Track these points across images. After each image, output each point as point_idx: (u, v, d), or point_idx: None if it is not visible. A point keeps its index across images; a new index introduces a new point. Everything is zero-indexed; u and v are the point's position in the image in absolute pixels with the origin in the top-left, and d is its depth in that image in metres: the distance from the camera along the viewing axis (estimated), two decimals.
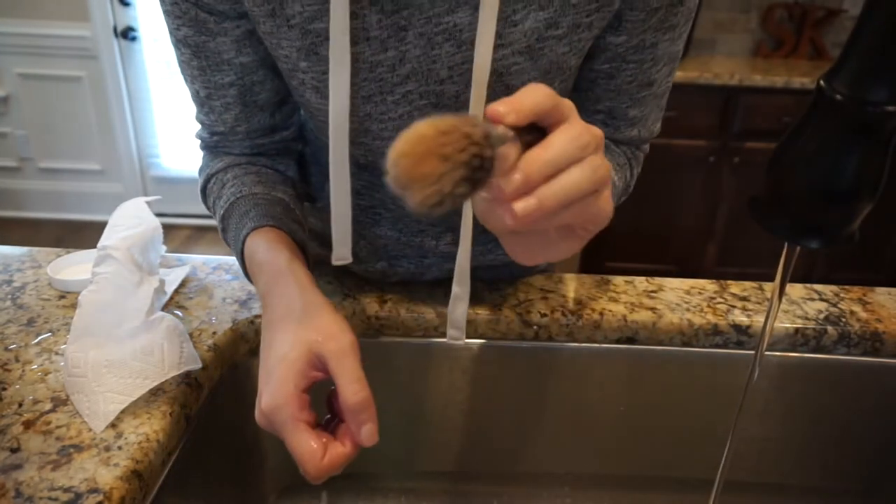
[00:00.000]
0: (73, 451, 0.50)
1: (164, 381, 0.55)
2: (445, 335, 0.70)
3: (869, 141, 0.33)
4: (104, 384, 0.53)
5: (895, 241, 2.53)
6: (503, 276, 0.77)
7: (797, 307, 0.73)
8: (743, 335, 0.70)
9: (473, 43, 0.53)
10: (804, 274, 2.57)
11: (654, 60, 0.58)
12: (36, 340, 0.62)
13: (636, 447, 0.75)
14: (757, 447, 0.75)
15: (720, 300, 0.73)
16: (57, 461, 0.48)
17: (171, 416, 0.54)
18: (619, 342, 0.70)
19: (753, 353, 0.46)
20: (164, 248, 0.72)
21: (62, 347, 0.61)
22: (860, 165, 0.33)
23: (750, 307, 0.72)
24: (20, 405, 0.54)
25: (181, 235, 3.16)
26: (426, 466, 0.76)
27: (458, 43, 0.54)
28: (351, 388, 0.44)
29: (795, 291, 0.77)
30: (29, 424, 0.52)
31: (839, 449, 0.75)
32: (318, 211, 0.75)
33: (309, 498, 0.75)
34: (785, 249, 0.40)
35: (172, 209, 3.17)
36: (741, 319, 0.70)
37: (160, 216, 0.70)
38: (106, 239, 0.65)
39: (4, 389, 0.56)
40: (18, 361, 0.59)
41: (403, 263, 0.73)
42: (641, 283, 0.76)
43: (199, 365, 0.58)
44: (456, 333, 0.66)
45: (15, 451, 0.49)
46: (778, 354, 0.71)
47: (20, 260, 0.77)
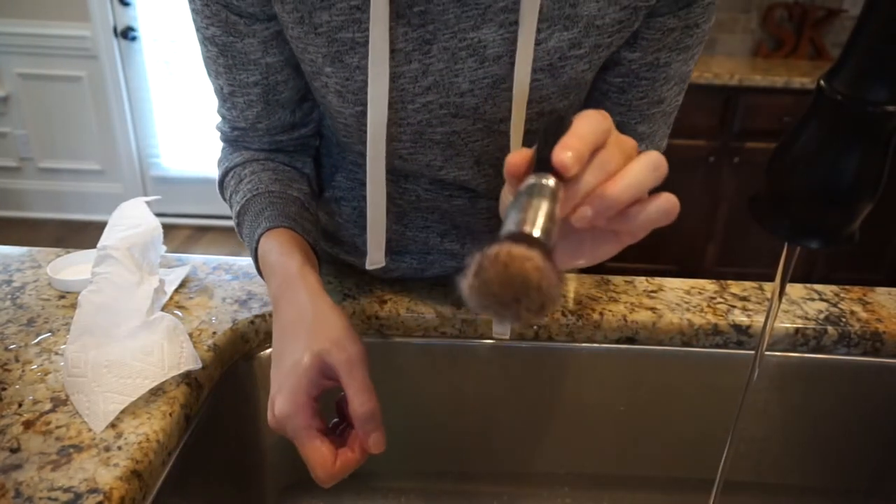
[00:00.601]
0: (73, 451, 0.50)
1: (164, 381, 0.55)
2: (446, 335, 0.70)
3: (869, 141, 0.33)
4: (104, 384, 0.53)
5: (895, 241, 2.53)
6: None
7: (797, 307, 0.73)
8: (743, 335, 0.70)
9: (497, 59, 0.54)
10: (804, 274, 2.57)
11: (665, 79, 0.59)
12: (36, 340, 0.62)
13: (636, 447, 0.75)
14: (757, 447, 0.75)
15: (720, 300, 0.73)
16: (57, 461, 0.48)
17: (171, 416, 0.54)
18: (619, 342, 0.70)
19: (753, 353, 0.46)
20: (164, 248, 0.72)
21: (62, 347, 0.61)
22: (860, 165, 0.33)
23: (750, 307, 0.72)
24: (20, 405, 0.54)
25: (181, 235, 3.16)
26: (426, 466, 0.76)
27: (481, 58, 0.55)
28: (359, 398, 0.46)
29: (795, 291, 0.77)
30: (29, 424, 0.52)
31: (839, 449, 0.75)
32: (324, 203, 0.75)
33: (309, 498, 0.75)
34: (785, 249, 0.40)
35: (172, 209, 3.17)
36: (741, 319, 0.70)
37: (160, 216, 0.70)
38: (106, 239, 0.65)
39: (4, 389, 0.56)
40: (18, 361, 0.59)
41: (406, 259, 0.73)
42: (641, 283, 0.76)
43: (199, 365, 0.58)
44: (500, 329, 0.67)
45: (15, 451, 0.49)
46: (778, 354, 0.71)
47: (20, 260, 0.77)
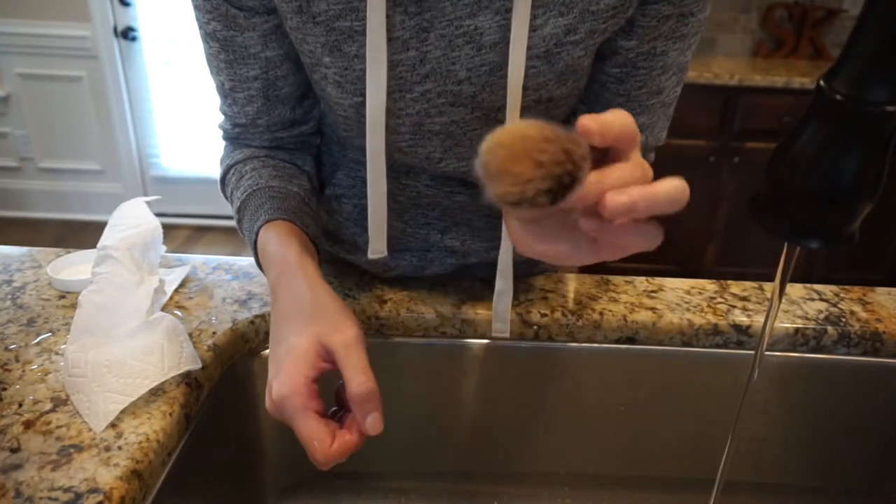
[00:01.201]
0: (73, 451, 0.50)
1: (164, 381, 0.55)
2: (446, 335, 0.70)
3: (869, 141, 0.33)
4: (104, 384, 0.53)
5: (895, 241, 2.53)
6: None
7: (797, 307, 0.73)
8: (743, 335, 0.70)
9: (493, 46, 0.54)
10: (804, 274, 2.57)
11: (663, 68, 0.59)
12: (36, 340, 0.62)
13: (636, 447, 0.75)
14: (757, 447, 0.75)
15: (720, 300, 0.73)
16: (57, 461, 0.48)
17: (171, 416, 0.54)
18: (619, 342, 0.70)
19: (753, 353, 0.46)
20: (164, 248, 0.72)
21: (62, 347, 0.61)
22: (860, 165, 0.33)
23: (750, 307, 0.72)
24: (20, 405, 0.54)
25: (181, 235, 3.16)
26: (426, 466, 0.76)
27: (478, 46, 0.55)
28: (357, 378, 0.45)
29: (795, 291, 0.77)
30: (29, 424, 0.52)
31: (839, 449, 0.75)
32: (325, 201, 0.75)
33: (309, 498, 0.75)
34: (785, 249, 0.40)
35: (172, 209, 3.17)
36: (741, 319, 0.70)
37: (160, 216, 0.70)
38: (106, 239, 0.65)
39: (4, 389, 0.56)
40: (18, 361, 0.59)
41: (406, 256, 0.73)
42: (641, 283, 0.76)
43: (199, 365, 0.58)
44: (501, 326, 0.67)
45: (15, 451, 0.49)
46: (778, 354, 0.71)
47: (20, 260, 0.77)
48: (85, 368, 0.54)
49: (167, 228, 0.92)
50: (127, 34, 2.94)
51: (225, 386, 0.64)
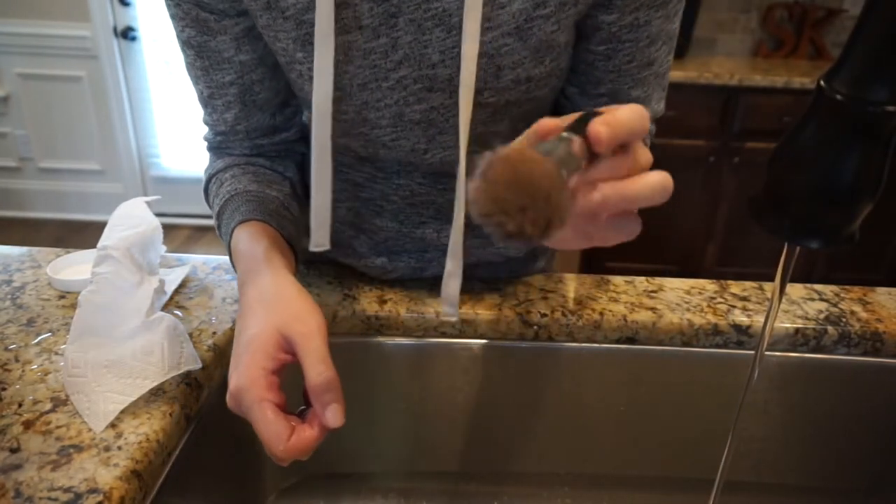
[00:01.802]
0: (73, 451, 0.50)
1: (164, 381, 0.55)
2: (446, 335, 0.70)
3: (869, 141, 0.33)
4: (104, 384, 0.53)
5: (895, 241, 2.53)
6: (502, 274, 0.78)
7: (797, 307, 0.73)
8: (743, 335, 0.70)
9: (462, 26, 0.54)
10: (804, 274, 2.57)
11: (650, 39, 0.58)
12: (36, 340, 0.62)
13: (636, 447, 0.75)
14: (757, 447, 0.75)
15: (720, 300, 0.73)
16: (57, 461, 0.48)
17: (171, 416, 0.54)
18: (619, 342, 0.70)
19: (753, 353, 0.46)
20: (164, 248, 0.72)
21: (62, 347, 0.61)
22: (860, 165, 0.33)
23: (750, 307, 0.72)
24: (20, 405, 0.54)
25: (181, 235, 3.16)
26: (426, 466, 0.76)
27: (447, 27, 0.55)
28: (315, 368, 0.44)
29: (795, 291, 0.77)
30: (29, 424, 0.52)
31: (839, 449, 0.75)
32: None
33: (309, 498, 0.75)
34: (785, 249, 0.40)
35: (172, 209, 3.17)
36: (741, 319, 0.70)
37: (160, 216, 0.70)
38: (106, 239, 0.65)
39: (4, 389, 0.56)
40: (18, 361, 0.59)
41: (404, 258, 0.73)
42: (641, 283, 0.76)
43: (199, 365, 0.58)
44: (449, 310, 0.64)
45: (15, 451, 0.49)
46: (778, 354, 0.71)
47: (20, 260, 0.77)
48: (85, 368, 0.54)
49: (167, 228, 0.91)
50: (127, 34, 2.94)
51: (225, 386, 0.64)
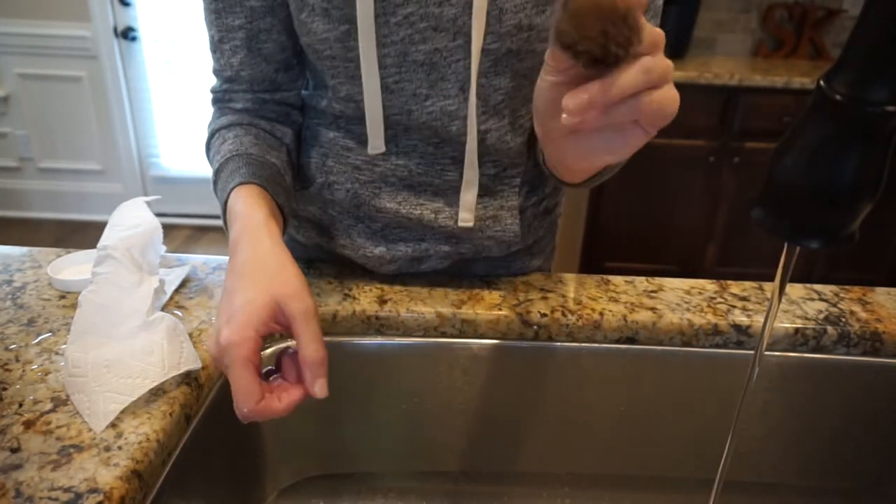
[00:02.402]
0: (73, 451, 0.50)
1: (164, 381, 0.55)
2: (446, 335, 0.70)
3: (869, 141, 0.33)
4: (104, 384, 0.53)
5: (895, 241, 2.53)
6: (501, 272, 0.78)
7: (797, 307, 0.73)
8: (743, 335, 0.70)
9: None
10: (804, 274, 2.57)
11: None
12: (36, 340, 0.62)
13: (636, 447, 0.75)
14: (757, 447, 0.75)
15: (720, 300, 0.73)
16: (57, 461, 0.48)
17: (171, 416, 0.54)
18: (619, 342, 0.70)
19: (753, 353, 0.46)
20: (164, 248, 0.72)
21: (62, 347, 0.61)
22: (860, 165, 0.33)
23: (750, 307, 0.72)
24: (20, 405, 0.54)
25: (181, 235, 3.16)
26: (426, 466, 0.76)
27: None
28: (313, 346, 0.48)
29: (795, 291, 0.77)
30: (29, 424, 0.52)
31: (839, 449, 0.75)
32: (318, 194, 0.75)
33: (309, 498, 0.75)
34: (785, 249, 0.40)
35: (172, 209, 3.17)
36: (741, 319, 0.70)
37: (160, 216, 0.70)
38: (106, 239, 0.65)
39: (5, 389, 0.56)
40: (18, 361, 0.59)
41: (401, 247, 0.73)
42: (641, 283, 0.77)
43: (199, 365, 0.58)
44: (466, 216, 0.70)
45: (15, 451, 0.49)
46: (778, 354, 0.71)
47: (20, 260, 0.77)
48: (85, 368, 0.54)
49: (167, 228, 0.92)
50: (127, 34, 2.94)
51: (225, 386, 0.64)
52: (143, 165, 3.21)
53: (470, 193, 0.69)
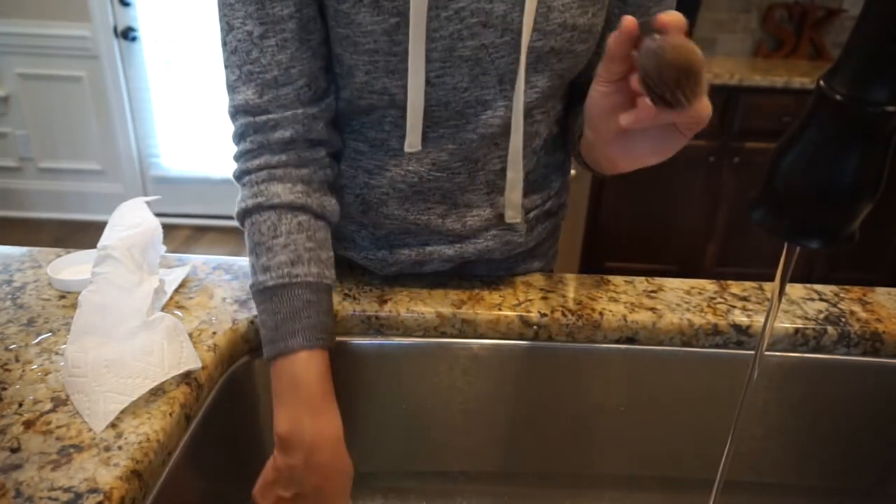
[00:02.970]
0: (73, 451, 0.50)
1: (164, 381, 0.55)
2: (446, 335, 0.70)
3: (869, 141, 0.33)
4: (104, 384, 0.53)
5: (895, 241, 2.53)
6: (502, 273, 0.78)
7: (797, 307, 0.73)
8: (743, 335, 0.70)
9: None
10: (804, 274, 2.57)
11: None
12: (36, 340, 0.62)
13: (636, 447, 0.75)
14: (757, 447, 0.75)
15: (720, 300, 0.73)
16: (57, 461, 0.48)
17: (171, 416, 0.54)
18: (619, 342, 0.70)
19: (753, 353, 0.46)
20: (164, 248, 0.72)
21: (62, 347, 0.61)
22: (860, 165, 0.33)
23: (750, 307, 0.72)
24: (20, 405, 0.54)
25: (181, 235, 3.16)
26: (426, 466, 0.76)
27: None
28: None
29: (795, 291, 0.77)
30: (29, 424, 0.52)
31: (839, 449, 0.75)
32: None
33: None
34: (785, 249, 0.40)
35: (172, 209, 3.17)
36: (741, 319, 0.70)
37: (160, 216, 0.70)
38: (106, 239, 0.65)
39: (4, 389, 0.56)
40: (18, 361, 0.59)
41: (405, 251, 0.73)
42: (641, 283, 0.76)
43: (199, 365, 0.58)
44: (512, 213, 0.71)
45: (15, 451, 0.49)
46: (778, 354, 0.71)
47: (20, 260, 0.77)
48: (85, 368, 0.54)
49: (167, 228, 0.92)
50: (127, 34, 2.94)
51: (225, 386, 0.64)
52: (143, 165, 3.21)
53: (515, 192, 0.69)
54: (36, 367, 0.59)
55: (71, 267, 0.75)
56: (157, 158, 3.20)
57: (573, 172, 0.86)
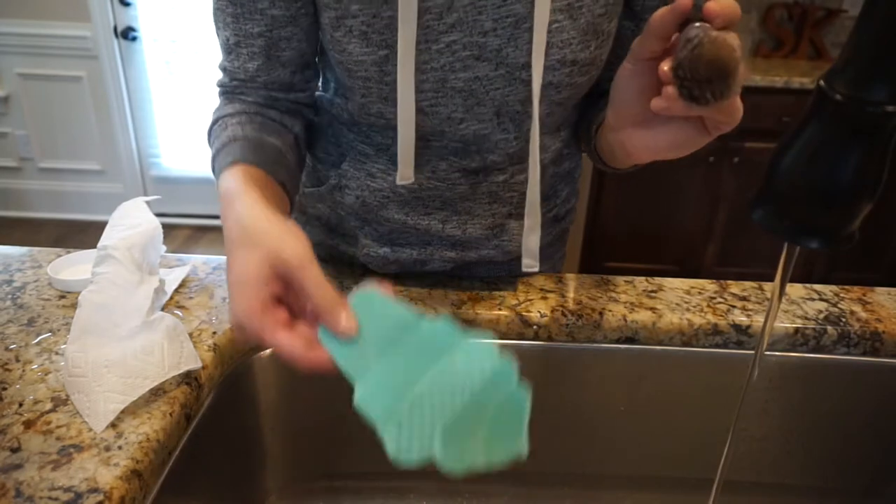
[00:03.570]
0: (73, 450, 0.50)
1: (164, 381, 0.55)
2: None
3: (869, 141, 0.33)
4: (104, 384, 0.53)
5: (895, 241, 2.53)
6: (502, 273, 0.78)
7: (797, 307, 0.73)
8: (743, 335, 0.70)
9: None
10: (804, 274, 2.57)
11: None
12: (36, 340, 0.62)
13: (636, 447, 0.75)
14: (757, 447, 0.75)
15: (720, 300, 0.73)
16: (57, 461, 0.48)
17: (171, 416, 0.54)
18: (619, 342, 0.70)
19: (753, 353, 0.46)
20: (164, 248, 0.72)
21: (62, 347, 0.61)
22: (860, 165, 0.33)
23: (750, 307, 0.72)
24: (20, 405, 0.54)
25: (181, 235, 3.16)
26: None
27: None
28: (320, 291, 0.44)
29: (795, 291, 0.77)
30: (29, 424, 0.52)
31: (839, 449, 0.75)
32: (328, 194, 0.75)
33: (309, 498, 0.75)
34: (785, 249, 0.40)
35: (172, 209, 3.17)
36: (741, 319, 0.70)
37: (160, 216, 0.70)
38: (106, 239, 0.65)
39: (5, 389, 0.56)
40: (19, 361, 0.59)
41: (406, 250, 0.73)
42: (641, 283, 0.76)
43: (199, 365, 0.58)
44: (530, 262, 0.69)
45: (15, 450, 0.49)
46: (778, 354, 0.71)
47: (20, 260, 0.77)
48: (85, 368, 0.54)
49: (167, 228, 0.91)
50: (127, 34, 2.94)
51: (225, 386, 0.64)
52: (143, 165, 3.21)
53: (533, 238, 0.68)
54: (36, 367, 0.59)
55: (71, 267, 0.75)
56: (157, 158, 3.20)
57: None
